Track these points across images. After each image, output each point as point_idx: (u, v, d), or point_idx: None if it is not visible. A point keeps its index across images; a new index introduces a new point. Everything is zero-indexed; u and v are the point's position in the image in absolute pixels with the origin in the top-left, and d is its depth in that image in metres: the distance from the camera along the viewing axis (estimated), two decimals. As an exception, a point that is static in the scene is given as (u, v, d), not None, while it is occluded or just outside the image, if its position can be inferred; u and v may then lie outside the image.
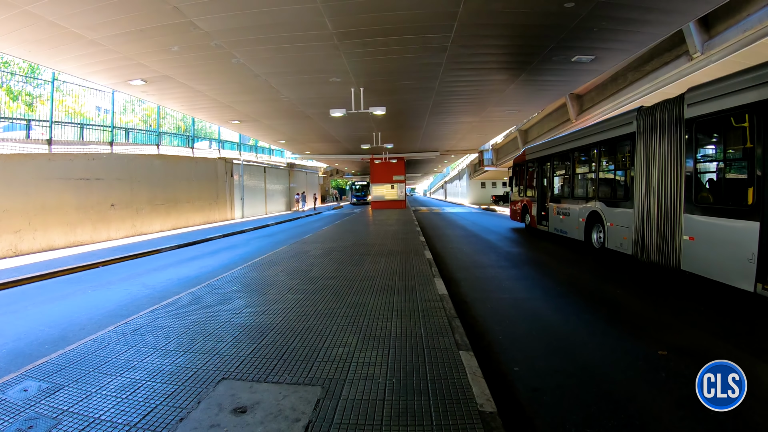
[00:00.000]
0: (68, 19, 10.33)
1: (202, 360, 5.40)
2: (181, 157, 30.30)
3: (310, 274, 10.80)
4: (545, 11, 10.61)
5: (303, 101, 19.98)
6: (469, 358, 5.33)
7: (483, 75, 16.56)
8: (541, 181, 19.96)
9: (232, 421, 3.97)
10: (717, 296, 8.74)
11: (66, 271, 13.27)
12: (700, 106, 9.49)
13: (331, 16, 10.57)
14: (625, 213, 12.46)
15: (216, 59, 13.38)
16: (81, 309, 9.14)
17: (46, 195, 18.25)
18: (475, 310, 8.32)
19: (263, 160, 45.77)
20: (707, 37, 14.79)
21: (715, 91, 9.09)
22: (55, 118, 20.57)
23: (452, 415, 4.03)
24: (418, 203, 74.22)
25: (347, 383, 4.72)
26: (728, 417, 4.15)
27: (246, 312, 7.60)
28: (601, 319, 7.61)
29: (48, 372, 5.09)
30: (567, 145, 17.09)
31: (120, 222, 22.36)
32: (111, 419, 4.01)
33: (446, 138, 35.45)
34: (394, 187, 45.77)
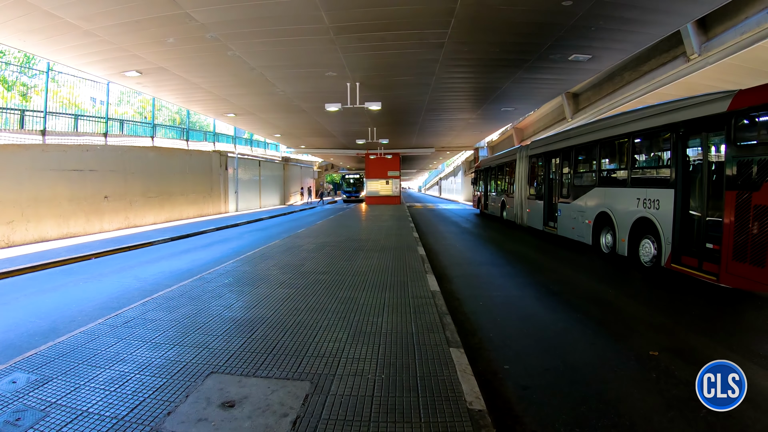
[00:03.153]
0: (64, 9, 10.24)
1: (191, 353, 5.39)
2: (175, 149, 30.26)
3: (302, 269, 10.79)
4: (543, 9, 10.57)
5: (298, 95, 19.91)
6: (459, 355, 5.33)
7: (479, 72, 16.54)
8: (485, 181, 31.40)
9: (220, 415, 3.96)
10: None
11: (58, 263, 13.23)
12: (534, 150, 20.52)
13: (328, 10, 10.52)
14: (512, 200, 23.66)
15: (212, 51, 13.30)
16: (72, 301, 9.12)
17: (40, 186, 18.18)
18: (467, 306, 8.34)
19: (258, 154, 45.76)
20: (705, 38, 14.82)
21: (536, 144, 20.57)
22: (49, 108, 20.50)
23: (441, 413, 4.03)
24: (413, 199, 74.14)
25: (336, 378, 4.71)
26: (718, 418, 4.17)
27: (237, 306, 7.60)
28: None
29: (37, 364, 5.06)
30: (492, 162, 29.54)
31: (113, 214, 22.31)
32: (99, 412, 4.00)
33: (442, 134, 35.42)
34: (389, 182, 45.67)
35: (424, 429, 3.78)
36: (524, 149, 21.65)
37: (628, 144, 12.54)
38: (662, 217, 10.42)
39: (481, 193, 32.66)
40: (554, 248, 15.85)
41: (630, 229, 11.74)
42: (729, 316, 8.08)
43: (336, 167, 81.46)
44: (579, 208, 15.04)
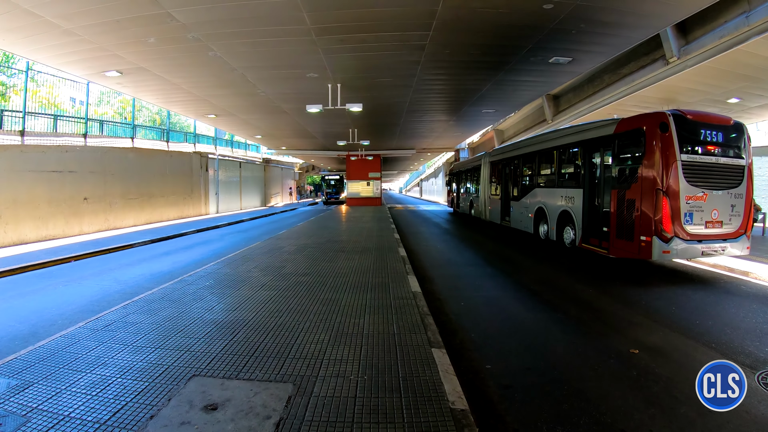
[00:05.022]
0: (43, 8, 10.13)
1: (173, 356, 5.37)
2: (155, 150, 30.01)
3: (283, 271, 10.78)
4: (524, 11, 10.67)
5: (279, 96, 19.86)
6: (441, 355, 5.38)
7: (461, 74, 16.63)
8: (457, 183, 34.57)
9: (203, 418, 3.96)
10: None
11: (37, 266, 13.07)
12: (494, 157, 23.89)
13: (310, 11, 10.52)
14: (478, 199, 27.16)
15: (192, 52, 13.24)
16: (52, 304, 9.02)
17: (18, 188, 17.95)
18: (449, 307, 8.40)
19: (239, 155, 45.55)
20: (684, 42, 15.07)
21: (496, 152, 24.18)
22: (28, 108, 20.25)
23: (424, 413, 4.07)
24: (394, 200, 74.06)
25: (319, 380, 4.73)
26: (698, 414, 4.28)
27: (218, 308, 7.58)
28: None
29: (17, 369, 5.01)
30: (463, 166, 32.80)
31: (93, 216, 22.07)
32: (81, 417, 3.98)
33: (423, 136, 35.53)
34: (370, 184, 45.66)
35: (407, 429, 3.82)
36: (487, 156, 25.61)
37: (555, 155, 16.20)
38: (576, 210, 14.03)
39: (454, 194, 36.38)
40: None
41: (557, 220, 15.35)
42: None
43: (317, 169, 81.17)
44: (525, 204, 18.82)
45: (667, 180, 10.50)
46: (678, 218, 10.49)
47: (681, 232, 10.53)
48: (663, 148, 10.61)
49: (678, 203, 10.49)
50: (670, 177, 10.50)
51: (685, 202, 10.52)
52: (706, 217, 10.70)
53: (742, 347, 6.16)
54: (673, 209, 10.47)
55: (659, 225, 10.50)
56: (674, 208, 10.48)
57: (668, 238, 10.47)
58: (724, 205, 10.87)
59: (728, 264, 11.69)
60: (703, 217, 10.69)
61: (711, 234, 10.80)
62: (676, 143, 10.53)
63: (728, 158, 11.11)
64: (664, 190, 10.50)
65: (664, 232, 10.47)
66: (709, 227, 10.75)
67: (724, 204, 10.87)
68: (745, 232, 11.12)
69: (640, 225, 10.94)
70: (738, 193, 11.04)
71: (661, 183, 10.54)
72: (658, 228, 10.52)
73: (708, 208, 10.72)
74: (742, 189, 11.07)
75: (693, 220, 10.62)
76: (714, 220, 10.78)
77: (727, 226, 10.91)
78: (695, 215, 10.63)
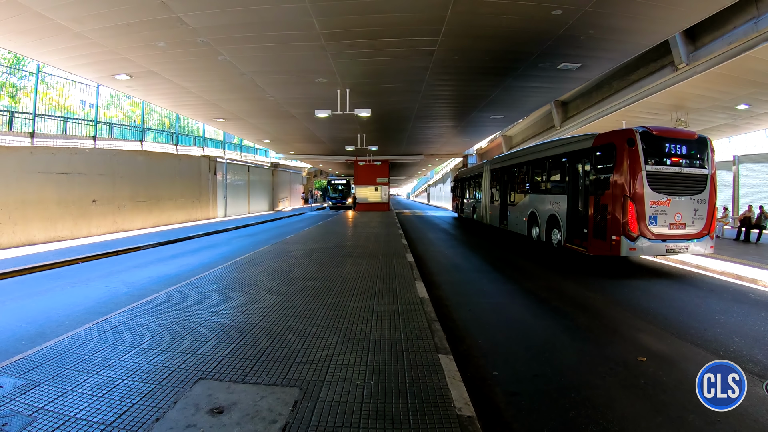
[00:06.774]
0: (55, 11, 10.21)
1: (179, 359, 5.36)
2: (164, 153, 30.11)
3: (290, 275, 10.76)
4: (533, 18, 10.69)
5: (288, 101, 19.94)
6: (448, 361, 5.34)
7: (469, 79, 16.65)
8: (462, 189, 36.03)
9: (209, 421, 3.95)
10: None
11: (45, 267, 13.12)
12: (494, 166, 25.48)
13: (319, 17, 10.56)
14: (480, 204, 28.59)
15: (202, 56, 13.31)
16: (59, 305, 9.05)
17: (27, 189, 18.03)
18: (456, 313, 8.37)
19: (247, 159, 45.64)
20: (693, 48, 15.01)
21: (495, 160, 25.69)
22: (38, 110, 20.37)
23: (430, 419, 4.04)
24: (402, 206, 73.80)
25: (325, 385, 4.71)
26: (706, 423, 4.24)
27: (225, 312, 7.57)
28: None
29: (24, 369, 5.02)
30: (466, 174, 34.53)
31: (101, 218, 22.14)
32: (86, 418, 3.97)
33: (431, 142, 35.59)
34: (378, 189, 45.70)
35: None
36: (488, 164, 27.72)
37: (545, 164, 17.64)
38: (561, 214, 15.51)
39: (459, 200, 38.35)
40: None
41: (546, 223, 16.88)
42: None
43: (325, 173, 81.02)
44: (520, 209, 20.42)
45: (633, 187, 12.00)
46: (643, 220, 11.97)
47: (646, 232, 12.00)
48: (630, 161, 12.09)
49: (643, 207, 11.97)
50: (636, 185, 11.98)
51: (649, 206, 11.99)
52: (669, 219, 12.15)
53: (750, 355, 6.10)
54: (639, 213, 11.96)
55: (626, 226, 12.00)
56: (640, 211, 11.96)
57: (634, 237, 11.95)
58: (687, 209, 12.30)
59: (737, 272, 11.95)
60: (667, 220, 12.13)
61: (675, 234, 12.24)
62: (641, 156, 11.99)
63: (692, 168, 12.47)
64: (630, 196, 12.00)
65: (631, 232, 11.97)
66: (672, 228, 12.20)
67: (687, 208, 12.30)
68: (709, 233, 12.49)
69: (611, 226, 12.40)
70: (701, 198, 12.40)
71: (629, 190, 12.02)
72: (625, 229, 12.01)
73: (671, 211, 12.15)
74: (705, 195, 12.43)
75: (657, 222, 12.07)
76: (677, 222, 12.23)
77: (690, 228, 12.32)
78: (659, 218, 12.07)
